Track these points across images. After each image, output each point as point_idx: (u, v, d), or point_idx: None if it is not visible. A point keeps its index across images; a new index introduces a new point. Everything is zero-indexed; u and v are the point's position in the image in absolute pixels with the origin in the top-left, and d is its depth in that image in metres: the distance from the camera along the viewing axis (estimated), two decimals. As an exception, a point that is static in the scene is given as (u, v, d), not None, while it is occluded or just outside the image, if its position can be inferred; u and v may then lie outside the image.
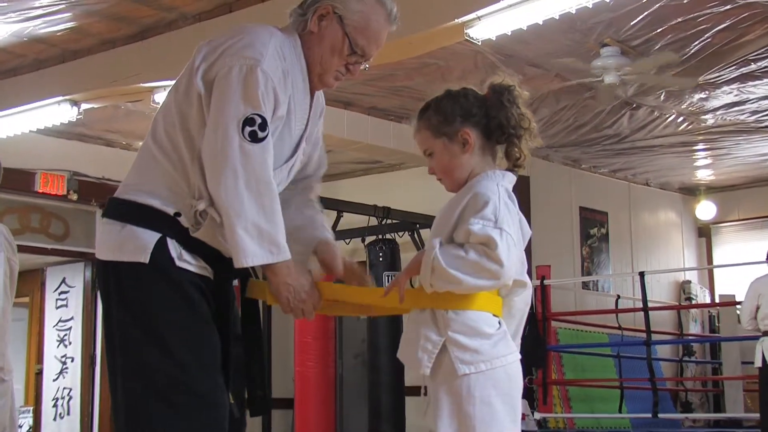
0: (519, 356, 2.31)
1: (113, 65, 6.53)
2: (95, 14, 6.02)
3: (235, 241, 2.27)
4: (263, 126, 2.29)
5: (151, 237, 2.35)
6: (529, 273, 8.15)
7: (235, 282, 2.56)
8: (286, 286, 2.38)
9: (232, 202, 2.26)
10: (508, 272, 2.18)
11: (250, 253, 2.28)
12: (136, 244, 2.34)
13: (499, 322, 2.29)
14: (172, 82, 2.52)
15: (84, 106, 6.96)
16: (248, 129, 2.27)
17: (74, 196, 8.45)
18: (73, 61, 6.76)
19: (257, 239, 2.27)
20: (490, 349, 2.23)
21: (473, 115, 2.36)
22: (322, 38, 2.49)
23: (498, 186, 2.30)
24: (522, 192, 8.88)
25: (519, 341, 2.38)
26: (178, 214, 2.36)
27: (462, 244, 2.20)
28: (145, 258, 2.33)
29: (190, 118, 2.38)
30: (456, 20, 5.18)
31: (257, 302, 2.60)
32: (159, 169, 2.40)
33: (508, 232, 2.19)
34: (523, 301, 2.39)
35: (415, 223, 8.21)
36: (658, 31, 6.12)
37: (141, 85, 6.42)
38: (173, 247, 2.36)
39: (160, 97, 6.34)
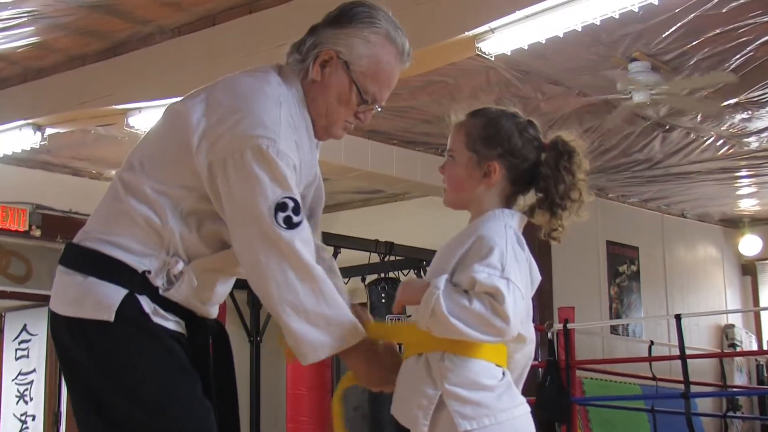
0: (528, 408, 2.30)
1: (81, 85, 6.56)
2: (61, 28, 6.06)
3: (300, 338, 2.30)
4: (297, 209, 2.29)
5: (117, 293, 2.33)
6: (551, 315, 8.08)
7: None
8: (366, 376, 2.43)
9: (286, 299, 2.29)
10: (513, 328, 2.17)
11: (320, 345, 2.31)
12: (98, 300, 2.33)
13: (503, 373, 2.28)
14: (148, 104, 2.53)
15: (48, 130, 6.98)
16: (281, 215, 2.28)
17: (37, 232, 8.46)
18: (37, 81, 6.79)
19: (325, 328, 2.31)
20: (494, 402, 2.22)
21: (515, 156, 2.36)
22: (326, 88, 2.47)
23: (506, 228, 2.29)
24: (542, 225, 8.87)
25: None
26: (147, 272, 2.36)
27: (466, 290, 2.20)
28: (109, 316, 2.31)
29: (175, 178, 2.37)
30: (466, 33, 5.20)
31: (232, 360, 2.61)
32: (129, 220, 2.39)
33: (516, 283, 2.19)
34: (524, 357, 2.38)
35: (421, 260, 8.21)
36: (694, 43, 6.14)
37: (113, 106, 6.43)
38: (146, 303, 2.35)
39: (135, 121, 6.37)
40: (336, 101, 2.48)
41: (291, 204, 2.29)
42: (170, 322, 2.39)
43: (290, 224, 2.28)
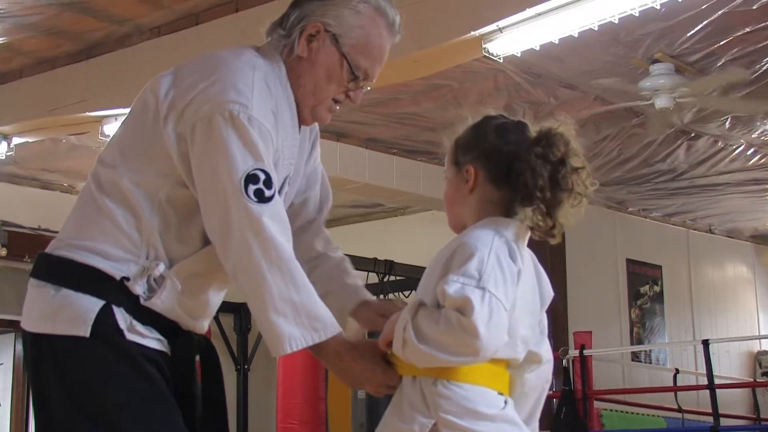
0: None
1: (52, 90, 6.56)
2: (30, 28, 6.07)
3: (266, 328, 2.27)
4: (269, 182, 2.28)
5: (93, 304, 2.32)
6: (566, 341, 8.04)
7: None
8: (342, 372, 2.38)
9: (252, 281, 2.27)
10: (489, 344, 2.12)
11: (288, 337, 2.27)
12: (73, 313, 2.31)
13: (505, 401, 2.28)
14: (125, 111, 2.54)
15: (16, 140, 6.99)
16: (252, 188, 2.27)
17: (3, 252, 8.45)
18: (2, 86, 6.80)
19: (293, 318, 2.27)
20: None
21: (489, 154, 2.34)
22: (314, 64, 2.47)
23: (495, 237, 2.25)
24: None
25: (535, 426, 2.37)
26: (126, 279, 2.35)
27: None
28: (85, 331, 2.29)
29: (151, 165, 2.38)
30: (472, 33, 5.21)
31: (222, 380, 2.60)
32: (104, 221, 2.38)
33: (494, 293, 2.13)
34: (541, 379, 2.36)
35: (423, 280, 8.20)
36: (722, 43, 6.16)
37: (87, 114, 6.45)
38: (122, 316, 2.33)
39: (110, 129, 6.38)
40: (325, 78, 2.48)
41: (262, 176, 2.28)
42: (149, 340, 2.37)
43: (261, 198, 2.27)
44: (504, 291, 2.17)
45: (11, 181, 8.67)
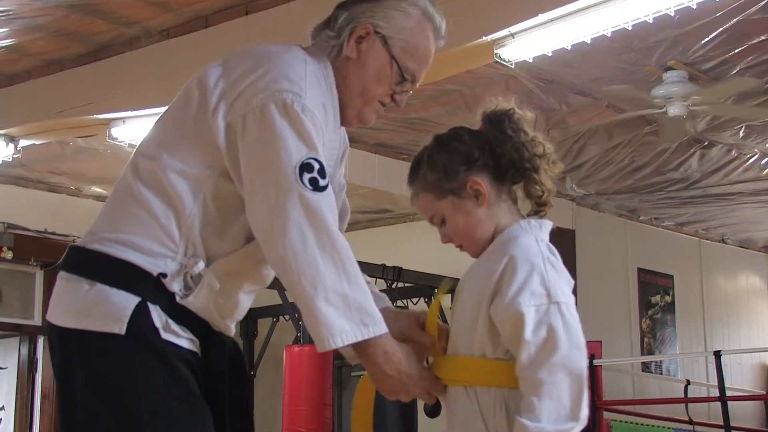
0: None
1: (59, 92, 6.58)
2: (37, 29, 6.08)
3: (316, 318, 2.23)
4: (322, 171, 2.28)
5: (129, 301, 2.29)
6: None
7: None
8: (385, 377, 2.34)
9: (304, 269, 2.23)
10: (582, 340, 2.20)
11: (338, 330, 2.23)
12: (109, 310, 2.29)
13: None
14: (133, 113, 2.54)
15: (23, 142, 7.00)
16: (307, 176, 2.26)
17: (8, 254, 8.45)
18: (10, 87, 6.81)
19: (344, 310, 2.24)
20: None
21: (476, 158, 2.37)
22: (363, 65, 2.49)
23: (538, 242, 2.30)
24: (566, 250, 8.86)
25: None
26: (163, 275, 2.32)
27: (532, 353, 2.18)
28: (121, 328, 2.27)
29: (195, 155, 2.37)
30: (484, 38, 5.22)
31: (249, 384, 2.60)
32: (140, 212, 2.36)
33: (564, 301, 2.22)
34: None
35: (432, 286, 8.20)
36: (736, 51, 6.15)
37: (94, 116, 6.45)
38: (157, 314, 2.31)
39: (118, 132, 6.39)
40: (374, 79, 2.50)
41: (317, 165, 2.27)
42: (183, 340, 2.35)
43: (316, 186, 2.26)
44: (567, 288, 2.27)
45: (18, 183, 8.68)
